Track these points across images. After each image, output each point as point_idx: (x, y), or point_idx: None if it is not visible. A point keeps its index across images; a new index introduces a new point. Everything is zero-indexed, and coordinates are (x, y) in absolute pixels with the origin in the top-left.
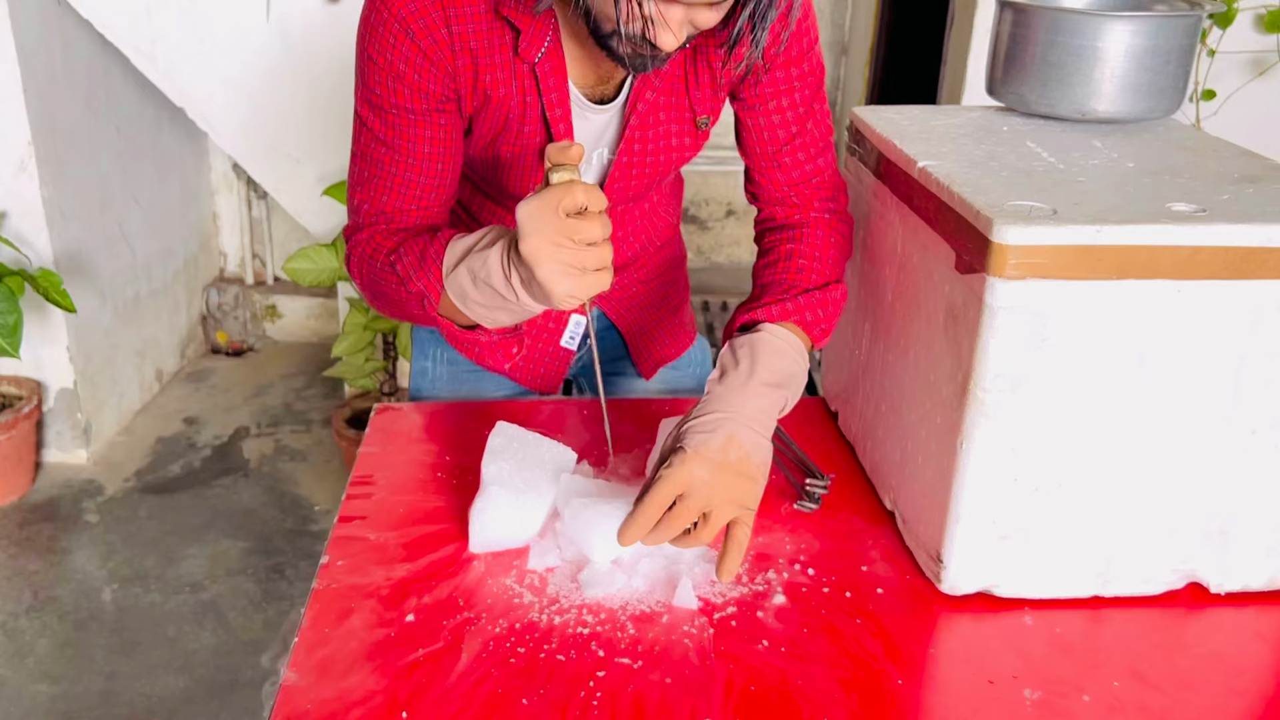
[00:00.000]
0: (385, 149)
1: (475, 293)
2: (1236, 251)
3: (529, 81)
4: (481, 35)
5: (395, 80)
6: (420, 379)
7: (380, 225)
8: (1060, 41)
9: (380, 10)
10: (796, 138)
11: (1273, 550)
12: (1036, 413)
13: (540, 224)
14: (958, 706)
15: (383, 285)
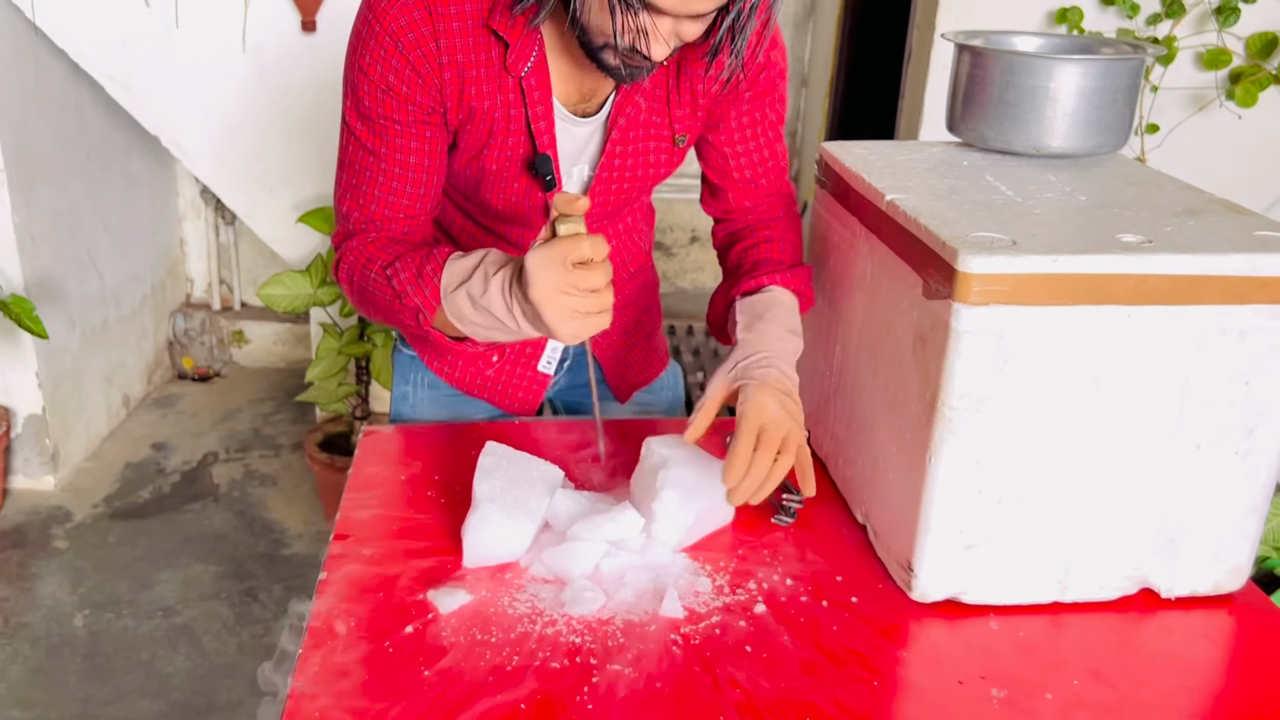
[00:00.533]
0: (373, 158)
1: (474, 314)
2: (1180, 279)
3: (515, 95)
4: (469, 49)
5: (384, 92)
6: (401, 403)
7: (370, 233)
8: (1015, 82)
9: (372, 24)
10: (769, 159)
11: (1217, 557)
12: (999, 429)
13: (548, 274)
14: (930, 706)
15: (375, 295)
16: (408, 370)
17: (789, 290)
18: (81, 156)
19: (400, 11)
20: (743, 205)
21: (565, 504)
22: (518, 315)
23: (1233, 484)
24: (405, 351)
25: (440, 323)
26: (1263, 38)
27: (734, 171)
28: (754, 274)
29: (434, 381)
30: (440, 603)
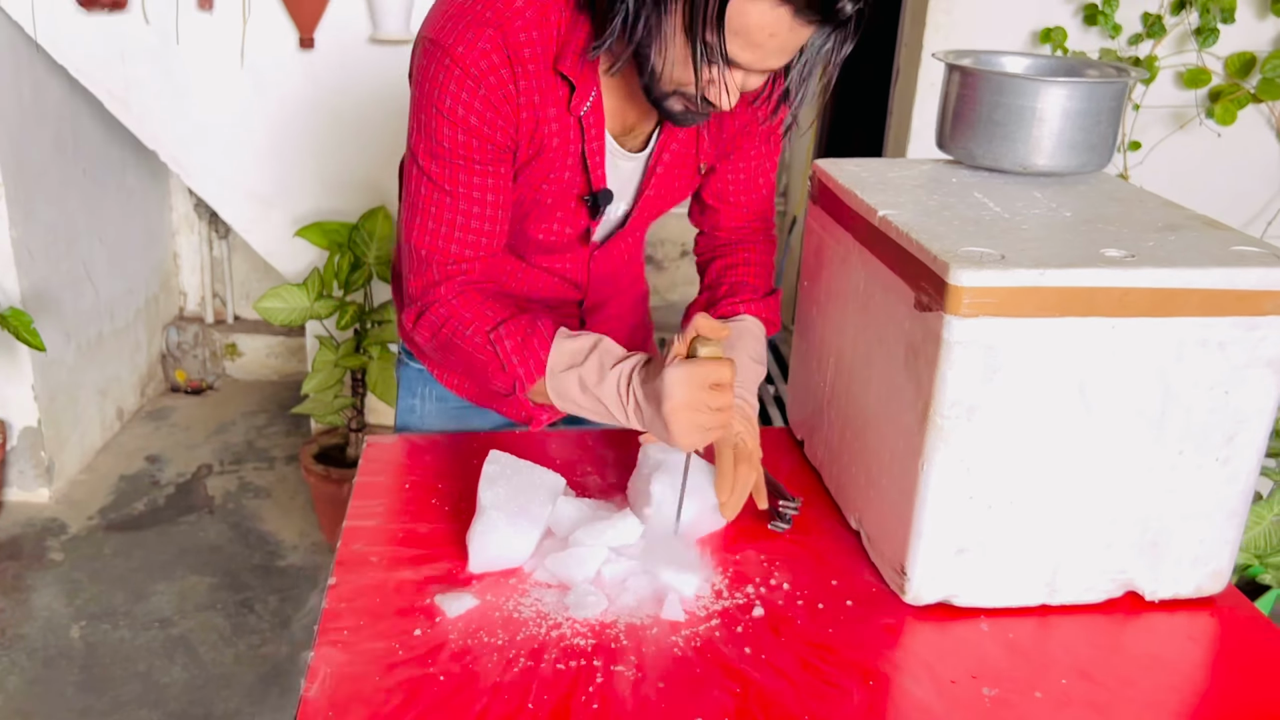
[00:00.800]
0: (450, 199)
1: (581, 398)
2: (1161, 292)
3: (574, 132)
4: (541, 90)
5: (466, 133)
6: (408, 415)
7: (457, 278)
8: (1003, 102)
9: (451, 67)
10: (764, 188)
11: (1199, 561)
12: (989, 437)
13: (686, 391)
14: (924, 705)
15: (470, 355)
16: (415, 384)
17: (759, 319)
18: (78, 172)
19: (481, 55)
20: (731, 225)
21: (568, 510)
22: (630, 411)
23: (1213, 490)
24: (412, 365)
25: (533, 392)
26: (1241, 57)
27: (731, 196)
28: (730, 297)
29: (443, 394)
30: (447, 607)
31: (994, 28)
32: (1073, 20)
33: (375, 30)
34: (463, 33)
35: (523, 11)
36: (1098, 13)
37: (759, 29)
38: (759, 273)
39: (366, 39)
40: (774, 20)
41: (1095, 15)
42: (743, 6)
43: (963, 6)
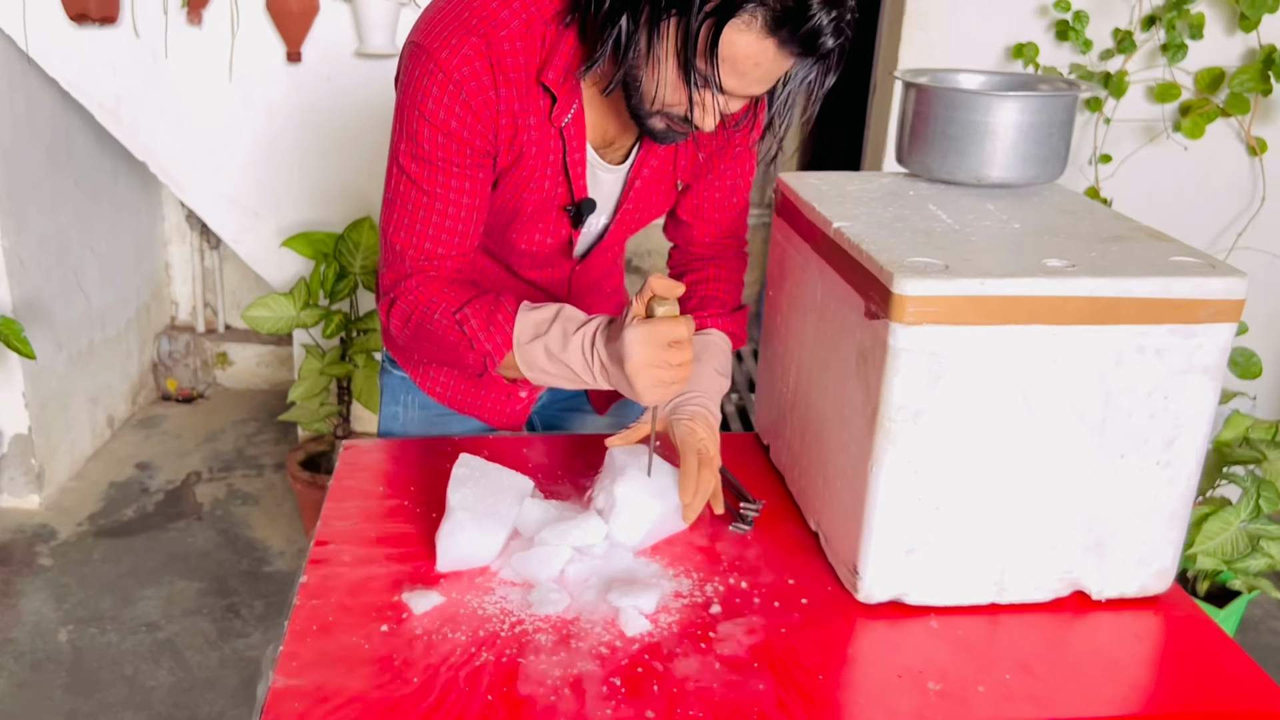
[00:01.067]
0: (427, 198)
1: (548, 365)
2: (1099, 301)
3: (555, 142)
4: (522, 99)
5: (445, 136)
6: (391, 423)
7: (427, 271)
8: (957, 117)
9: (434, 72)
10: (738, 206)
11: (1143, 561)
12: (936, 440)
13: (645, 350)
14: (871, 697)
15: (440, 337)
16: (398, 391)
17: (724, 333)
18: (70, 183)
19: (464, 61)
20: (704, 240)
21: (534, 512)
22: (596, 372)
23: (1155, 492)
24: (395, 373)
25: (505, 366)
26: (1211, 73)
27: (706, 212)
28: (699, 311)
29: (425, 402)
30: (414, 604)
31: (968, 44)
32: (1045, 36)
33: (361, 45)
34: (448, 39)
35: (508, 22)
36: (1069, 29)
37: (745, 58)
38: (728, 289)
39: (352, 53)
40: (759, 50)
41: (1067, 31)
42: (732, 36)
43: (937, 24)
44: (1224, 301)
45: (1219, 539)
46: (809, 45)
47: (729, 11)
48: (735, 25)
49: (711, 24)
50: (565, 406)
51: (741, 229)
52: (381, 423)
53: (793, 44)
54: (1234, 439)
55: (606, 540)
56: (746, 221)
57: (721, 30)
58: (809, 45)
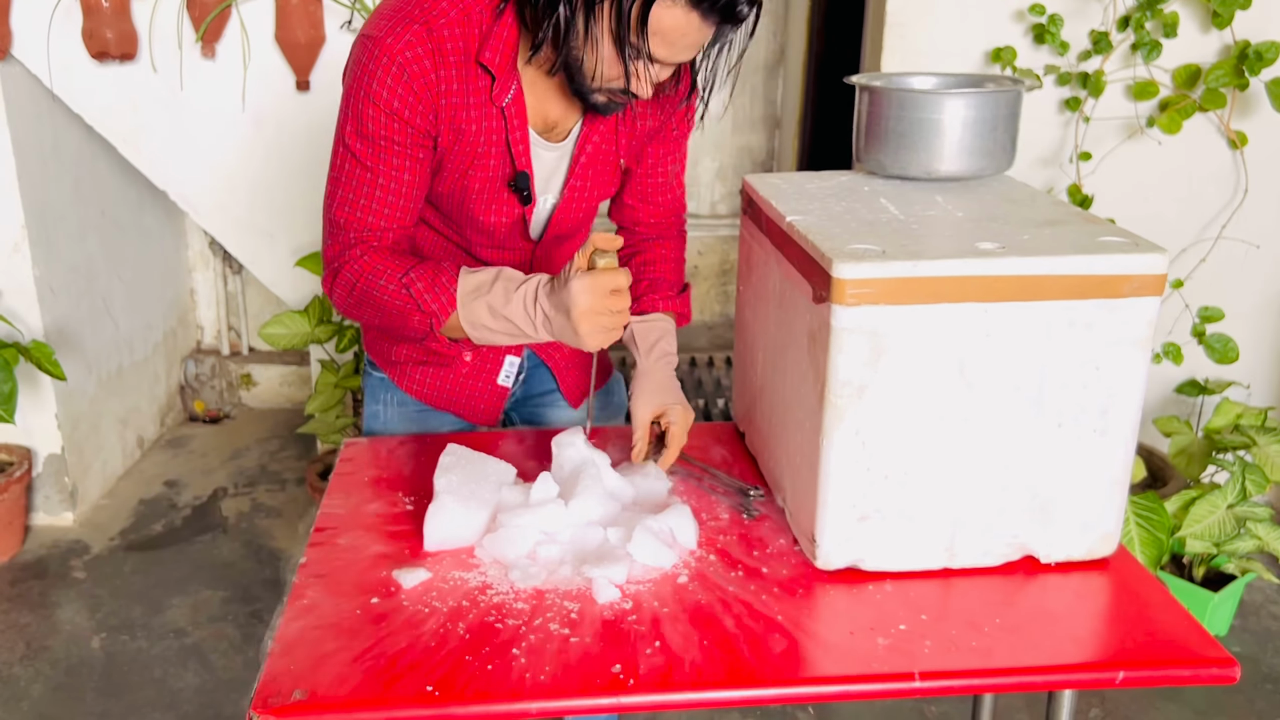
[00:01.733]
0: (370, 174)
1: (491, 321)
2: (1028, 279)
3: (497, 121)
4: (462, 80)
5: (389, 115)
6: (373, 421)
7: (370, 241)
8: (907, 116)
9: (379, 55)
10: (675, 185)
11: (1087, 526)
12: (880, 413)
13: (590, 298)
14: (823, 650)
15: (384, 301)
16: (378, 391)
17: (674, 313)
18: (97, 213)
19: (406, 45)
20: (648, 221)
21: (515, 497)
22: (539, 324)
23: (1094, 459)
24: (375, 374)
25: (448, 328)
26: (1188, 69)
27: (651, 195)
28: (650, 294)
29: (403, 399)
30: (403, 579)
31: (948, 51)
32: (1023, 40)
33: None
34: (392, 28)
35: (447, 11)
36: (1045, 31)
37: (673, 30)
38: (673, 269)
39: None
40: (685, 23)
41: (1043, 34)
42: (659, 13)
43: (916, 32)
44: (1146, 276)
45: (1206, 522)
46: (728, 14)
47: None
48: (662, 3)
49: (641, 4)
50: (540, 402)
51: (681, 209)
52: (365, 422)
53: (713, 14)
54: (1225, 426)
55: (573, 520)
56: (685, 202)
57: (650, 8)
58: (728, 14)
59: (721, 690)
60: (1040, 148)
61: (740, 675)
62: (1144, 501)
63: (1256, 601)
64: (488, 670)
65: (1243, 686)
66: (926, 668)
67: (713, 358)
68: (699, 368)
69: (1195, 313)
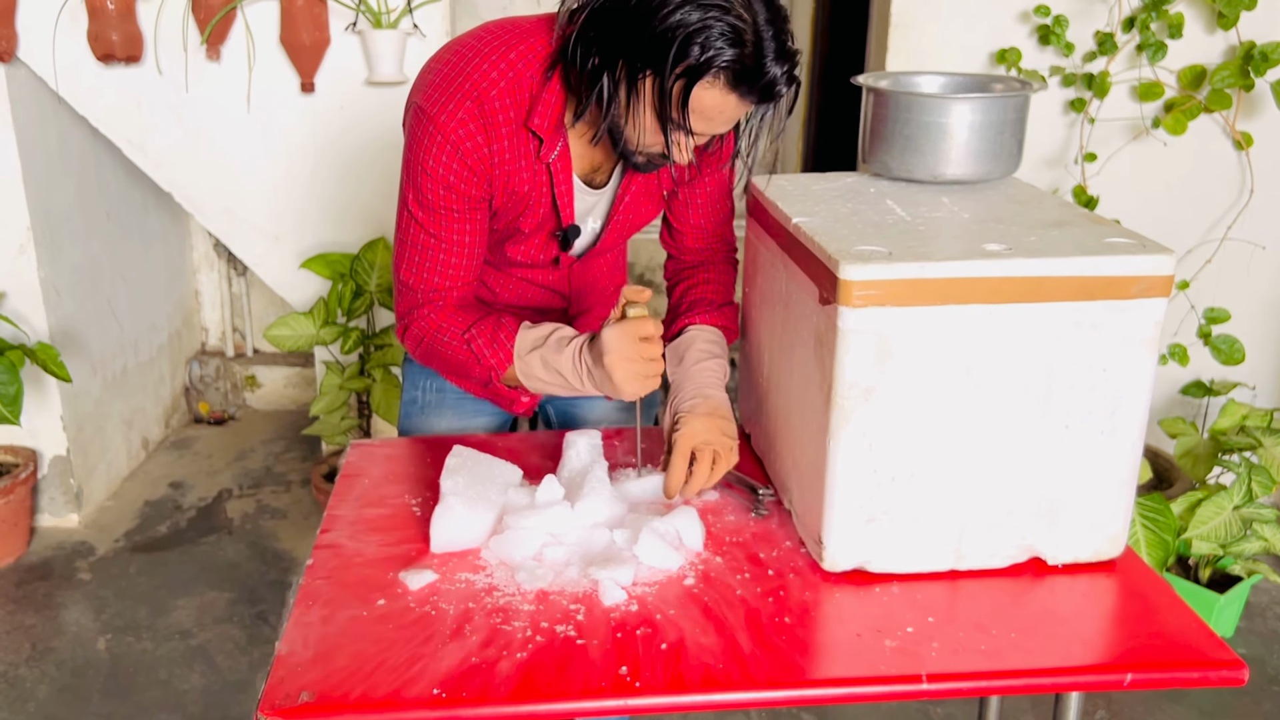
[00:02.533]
0: (434, 240)
1: (543, 374)
2: (1035, 280)
3: (544, 176)
4: (513, 148)
5: (445, 189)
6: (411, 407)
7: (437, 301)
8: (914, 119)
9: (433, 134)
10: (723, 213)
11: (1095, 527)
12: (887, 415)
13: (621, 346)
14: (829, 652)
15: (449, 356)
16: (417, 377)
17: (708, 325)
18: (102, 215)
19: (459, 124)
20: (695, 247)
21: (521, 499)
22: (584, 376)
23: (1101, 460)
24: (415, 361)
25: (505, 378)
26: (1193, 70)
27: (693, 219)
28: (688, 314)
29: (442, 385)
30: (409, 581)
31: (952, 52)
32: (1028, 41)
33: (371, 74)
34: (445, 104)
35: (497, 82)
36: (1050, 33)
37: (712, 108)
38: (715, 289)
39: (363, 82)
40: (723, 103)
41: (1048, 35)
42: (700, 93)
43: (921, 33)
44: (1153, 278)
45: (1212, 523)
46: (766, 95)
47: (698, 74)
48: (703, 84)
49: (683, 84)
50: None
51: (729, 234)
52: (403, 408)
53: (752, 95)
54: (1230, 427)
55: (580, 523)
56: (733, 228)
57: (692, 89)
58: (766, 95)
59: (728, 693)
60: (1046, 149)
61: (747, 677)
62: (1150, 503)
63: (1263, 603)
64: (494, 672)
65: (1249, 688)
66: (934, 670)
67: None
68: None
69: (1201, 314)
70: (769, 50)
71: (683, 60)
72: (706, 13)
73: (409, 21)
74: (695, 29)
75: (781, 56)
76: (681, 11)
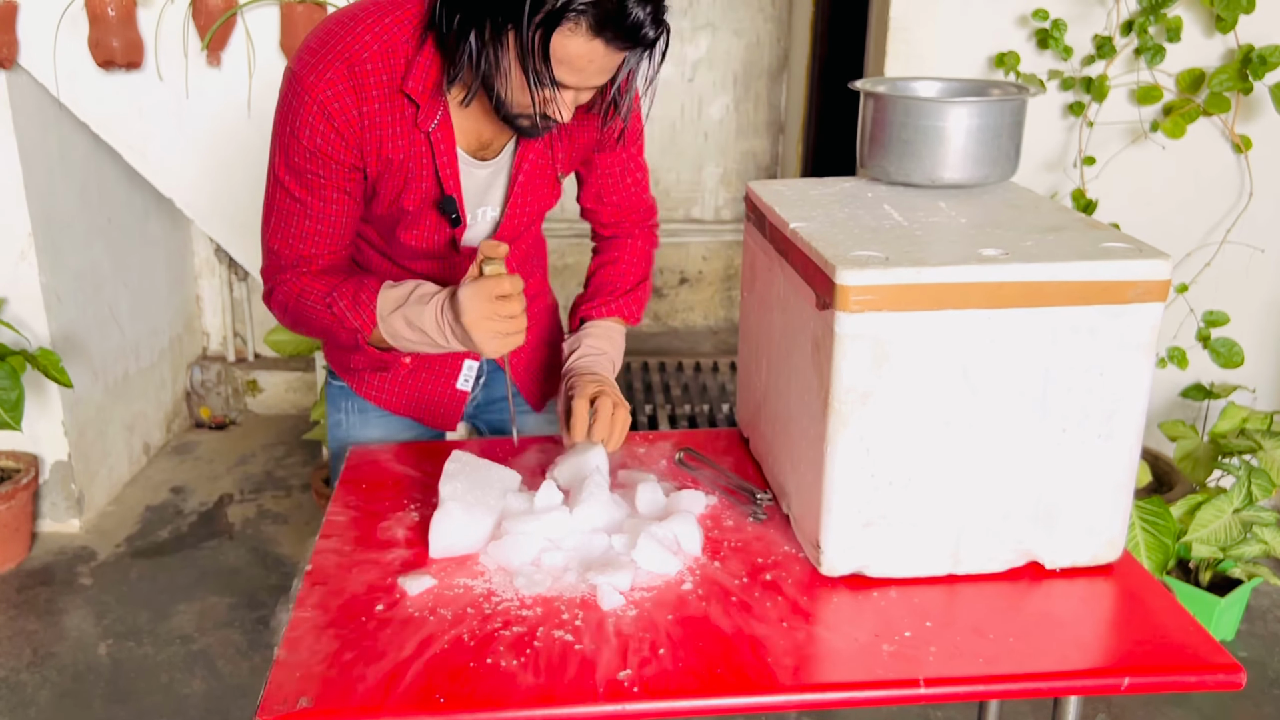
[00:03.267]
0: (300, 206)
1: (408, 333)
2: (1032, 285)
3: (424, 146)
4: (386, 111)
5: (313, 154)
6: (336, 429)
7: (302, 268)
8: (911, 123)
9: (301, 95)
10: (634, 187)
11: (1092, 531)
12: (884, 419)
13: (476, 304)
14: (827, 657)
15: (312, 319)
16: (338, 399)
17: (605, 317)
18: (103, 221)
19: (328, 85)
20: (608, 221)
21: (520, 504)
22: (448, 334)
23: (1099, 464)
24: (335, 383)
25: (374, 340)
26: (1191, 73)
27: (605, 196)
28: (589, 302)
29: (363, 405)
30: (408, 586)
31: (951, 56)
32: (1026, 44)
33: None
34: (315, 65)
35: (370, 44)
36: (1048, 36)
37: (578, 57)
38: (626, 269)
39: None
40: (590, 50)
41: (1047, 39)
42: (561, 41)
43: (920, 37)
44: (1150, 282)
45: (1212, 526)
46: (633, 38)
47: (555, 21)
48: (563, 31)
49: (541, 33)
50: (503, 406)
51: (642, 204)
52: (330, 431)
53: (618, 40)
54: (1230, 430)
55: (579, 528)
56: (647, 199)
57: (551, 37)
58: (633, 38)
59: (726, 697)
60: (1044, 153)
61: (745, 682)
62: (1149, 506)
63: (1263, 606)
64: (493, 677)
65: (1249, 692)
66: (932, 674)
67: (717, 363)
68: (703, 372)
69: (1200, 317)
70: None
71: (540, 8)
72: None
73: None
74: None
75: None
76: None
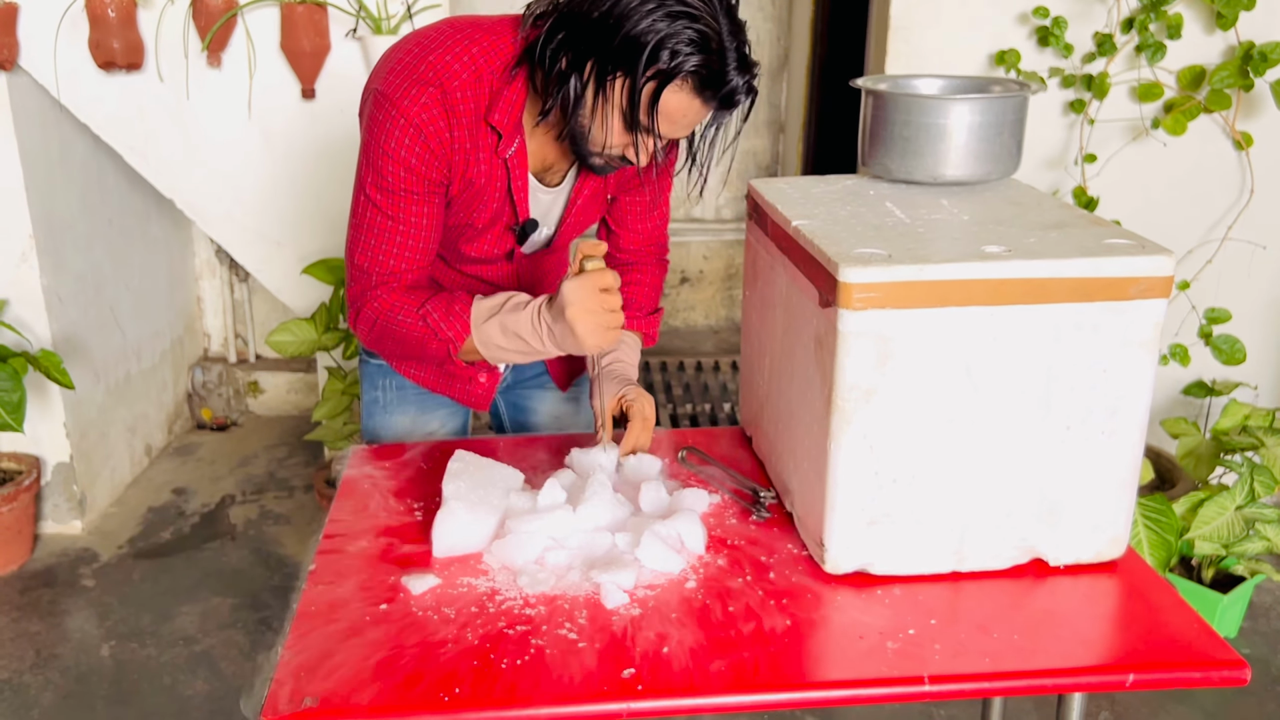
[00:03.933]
0: (390, 222)
1: (502, 339)
2: (1034, 282)
3: (500, 171)
4: (471, 137)
5: (406, 171)
6: (373, 407)
7: (391, 283)
8: (913, 120)
9: (395, 115)
10: (659, 218)
11: (1096, 528)
12: (888, 417)
13: (582, 296)
14: (831, 654)
15: (405, 332)
16: (375, 377)
17: (639, 334)
18: (104, 222)
19: (423, 108)
20: (628, 248)
21: (523, 503)
22: (544, 336)
23: (1102, 461)
24: (372, 361)
25: (464, 351)
26: (1192, 70)
27: (630, 223)
28: None
29: (401, 383)
30: (412, 585)
31: (952, 55)
32: (1027, 42)
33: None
34: (408, 89)
35: (460, 73)
36: (1049, 34)
37: (677, 111)
38: (646, 293)
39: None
40: (689, 107)
41: (1048, 36)
42: (668, 96)
43: (921, 36)
44: (1153, 279)
45: (1215, 523)
46: (726, 102)
47: (669, 78)
48: (672, 88)
49: (653, 87)
50: (531, 385)
51: (662, 238)
52: (364, 410)
53: (714, 101)
54: (1232, 427)
55: (583, 527)
56: (666, 232)
57: (661, 93)
58: (726, 102)
59: (730, 695)
60: (1045, 150)
61: (749, 680)
62: (1152, 503)
63: (1266, 603)
64: (497, 676)
65: (1253, 688)
66: (936, 671)
67: (719, 362)
68: (705, 372)
69: (1202, 314)
70: (732, 59)
71: (654, 64)
72: (676, 20)
73: (409, 27)
74: (667, 35)
75: (743, 66)
76: (653, 18)
